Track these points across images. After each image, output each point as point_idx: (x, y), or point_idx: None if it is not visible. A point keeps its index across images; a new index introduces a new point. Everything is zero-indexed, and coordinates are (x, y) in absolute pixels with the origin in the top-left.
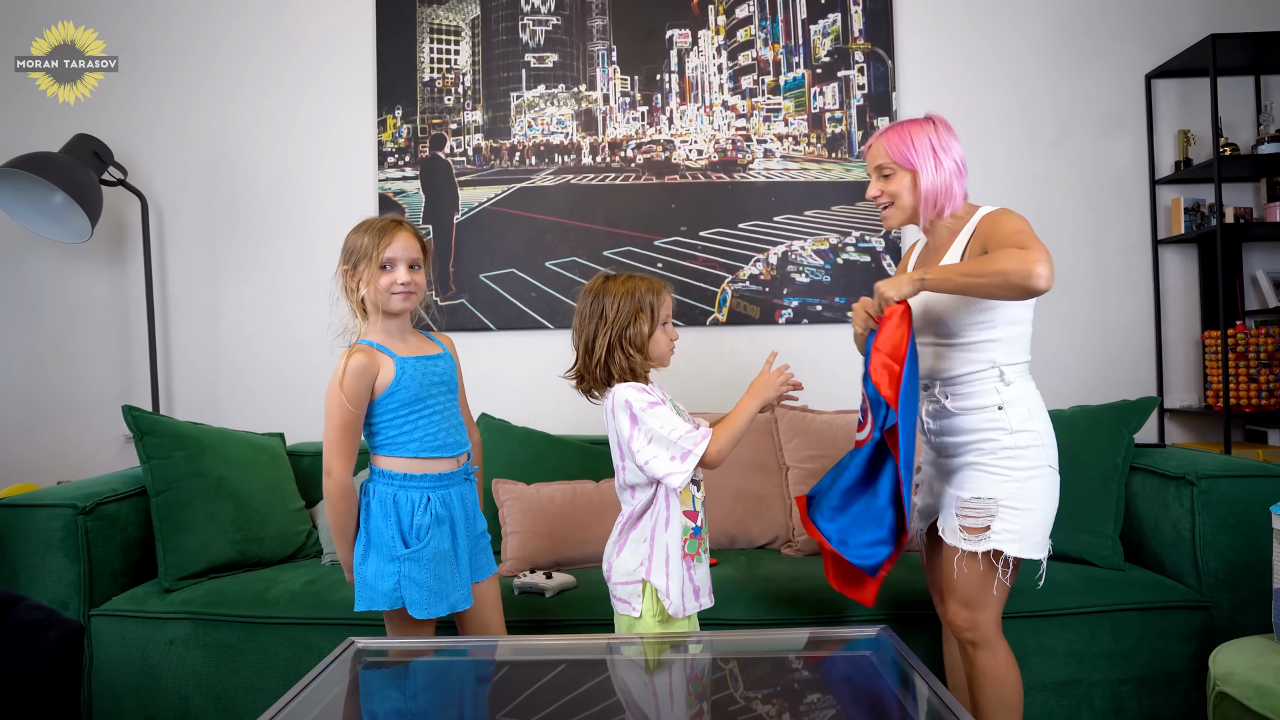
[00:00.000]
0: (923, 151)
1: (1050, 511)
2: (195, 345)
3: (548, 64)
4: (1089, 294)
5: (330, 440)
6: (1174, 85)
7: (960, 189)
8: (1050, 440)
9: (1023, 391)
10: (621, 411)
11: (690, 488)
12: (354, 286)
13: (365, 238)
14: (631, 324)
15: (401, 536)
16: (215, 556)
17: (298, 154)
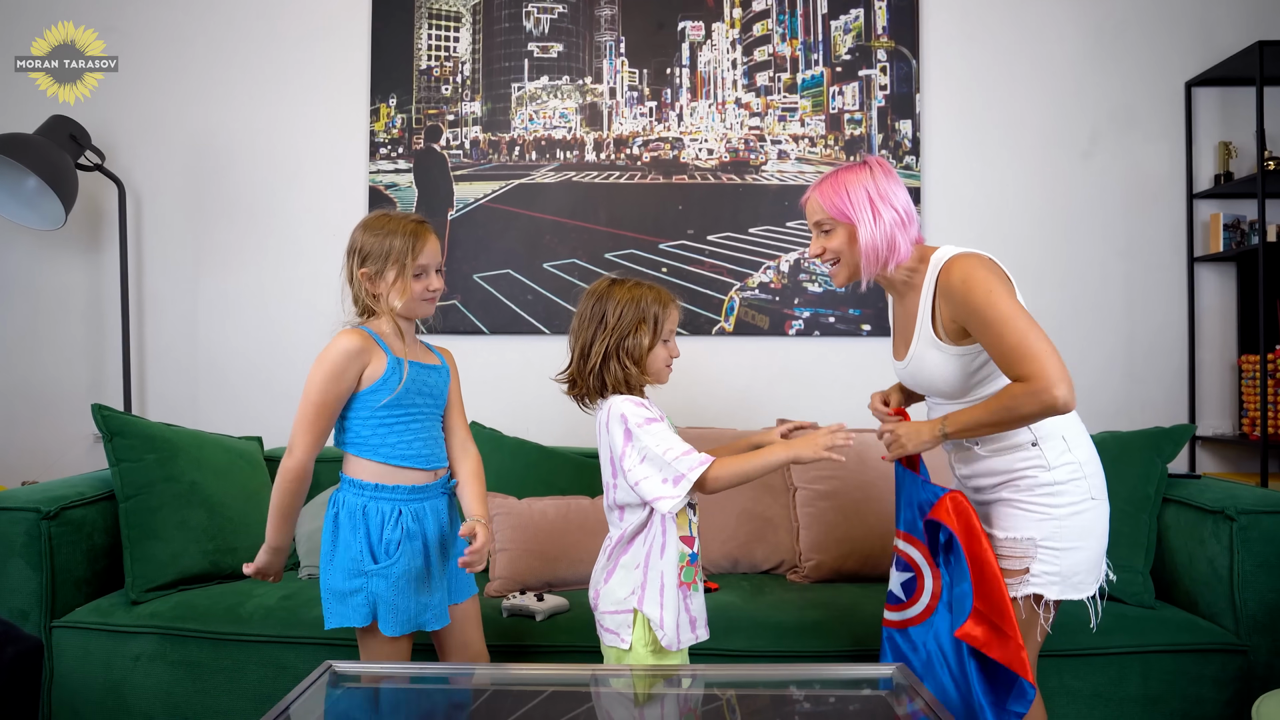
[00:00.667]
0: (858, 203)
1: (1097, 547)
2: (172, 341)
3: (552, 54)
4: (1119, 312)
5: (302, 416)
6: (1215, 94)
7: (905, 239)
8: (1094, 469)
9: (1057, 421)
10: (616, 425)
11: (686, 511)
12: (374, 290)
13: (395, 241)
14: (632, 334)
15: (370, 551)
16: (186, 567)
17: (285, 141)
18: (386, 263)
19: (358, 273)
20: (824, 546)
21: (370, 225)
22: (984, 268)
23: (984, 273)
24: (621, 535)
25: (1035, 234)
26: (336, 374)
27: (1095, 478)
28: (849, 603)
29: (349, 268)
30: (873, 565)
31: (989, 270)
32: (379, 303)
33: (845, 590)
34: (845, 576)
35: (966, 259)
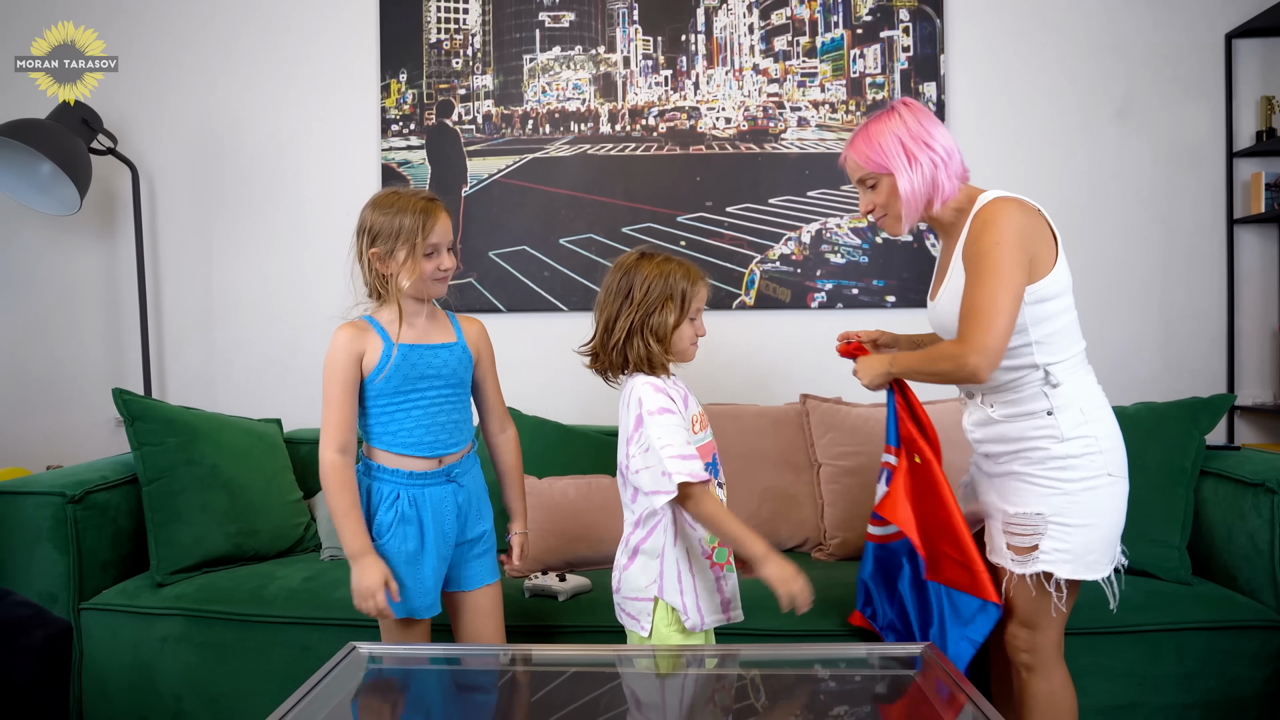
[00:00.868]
0: (892, 151)
1: (1112, 526)
2: (189, 324)
3: (563, 23)
4: (1155, 277)
5: (325, 419)
6: (1258, 46)
7: (947, 177)
8: (1113, 444)
9: (1076, 391)
10: (633, 408)
11: (715, 490)
12: (385, 271)
13: (405, 219)
14: (658, 310)
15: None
16: (209, 550)
17: (296, 120)
18: (397, 242)
19: (367, 253)
20: (849, 524)
21: (379, 203)
22: (1014, 216)
23: (1008, 222)
24: (638, 520)
25: (1067, 197)
26: (337, 367)
27: (1113, 454)
28: None
29: (358, 247)
30: None
31: (1016, 222)
32: (388, 284)
33: None
34: None
35: (1006, 203)
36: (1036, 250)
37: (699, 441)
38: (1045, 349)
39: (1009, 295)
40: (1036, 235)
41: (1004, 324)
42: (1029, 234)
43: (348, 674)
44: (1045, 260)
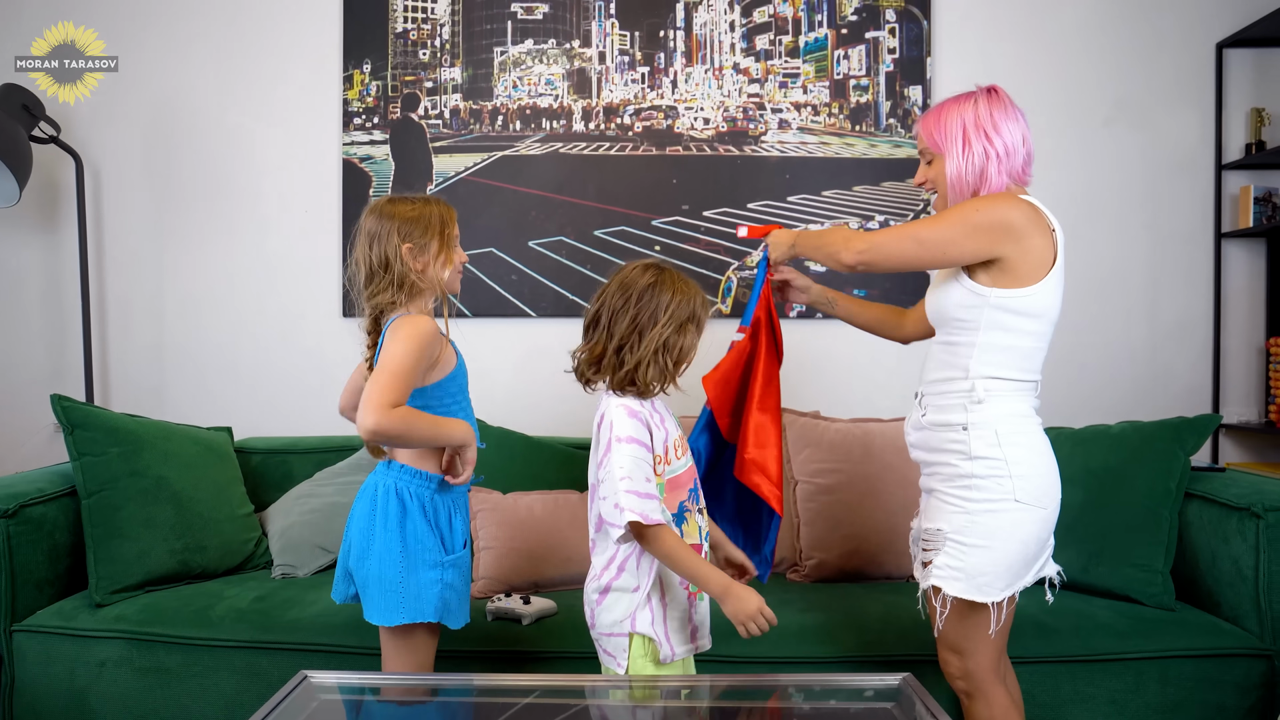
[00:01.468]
0: (951, 134)
1: (1012, 552)
2: (135, 324)
3: (537, 15)
4: (1140, 290)
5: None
6: (1249, 56)
7: (1000, 173)
8: (1028, 471)
9: (998, 412)
10: (605, 431)
11: (696, 517)
12: (418, 266)
13: (433, 213)
14: (680, 332)
15: (441, 541)
16: (153, 567)
17: (253, 111)
18: (429, 234)
19: (402, 248)
20: (826, 544)
21: (397, 202)
22: (1005, 200)
23: (997, 199)
24: (611, 559)
25: (1053, 207)
26: (427, 352)
27: (1026, 480)
28: (853, 605)
29: (383, 248)
30: (878, 565)
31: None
32: (425, 278)
33: (849, 591)
34: (849, 576)
35: (1011, 194)
36: (1016, 251)
37: (679, 468)
38: (984, 357)
39: (932, 234)
40: (1021, 235)
41: (908, 249)
42: (1010, 224)
43: (299, 704)
44: (1027, 271)
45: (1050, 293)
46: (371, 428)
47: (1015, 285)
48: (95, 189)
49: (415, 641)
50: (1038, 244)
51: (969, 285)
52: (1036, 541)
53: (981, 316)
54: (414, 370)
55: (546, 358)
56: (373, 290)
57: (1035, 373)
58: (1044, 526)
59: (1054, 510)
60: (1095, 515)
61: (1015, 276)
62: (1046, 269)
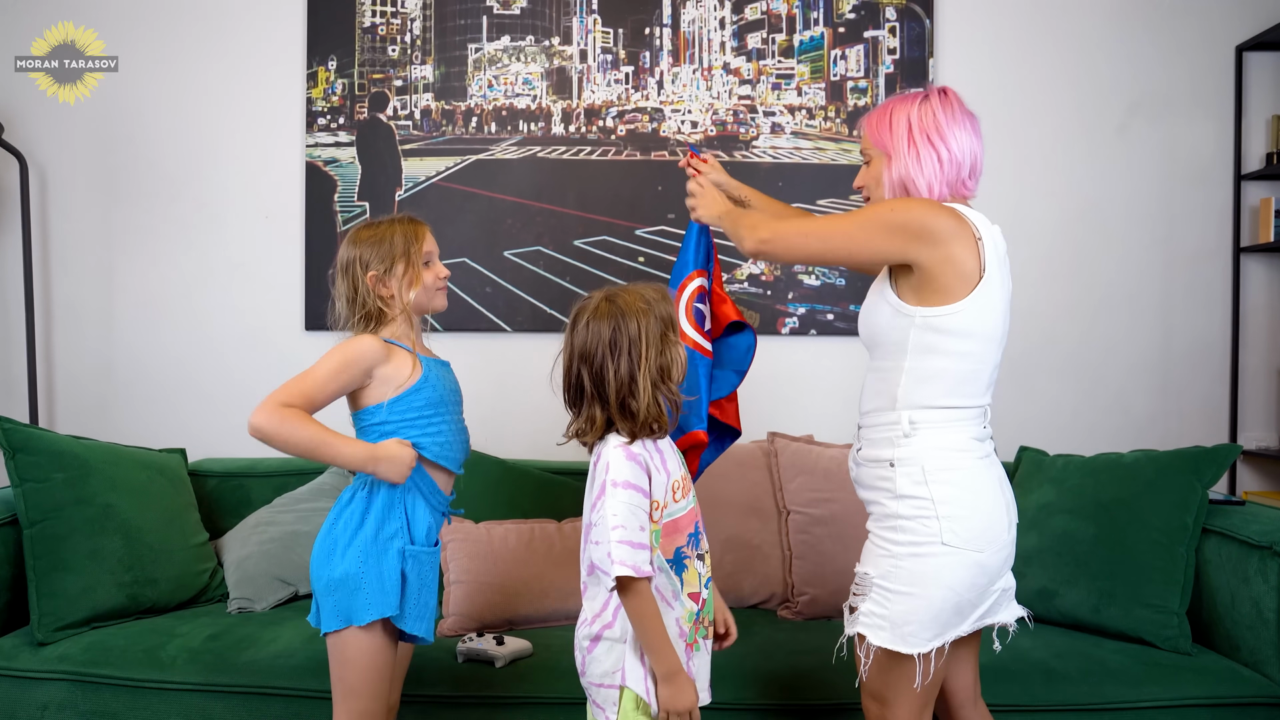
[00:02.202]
0: (896, 133)
1: (938, 600)
2: (83, 339)
3: (514, 10)
4: (1154, 307)
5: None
6: (1270, 60)
7: (942, 184)
8: (958, 511)
9: (927, 446)
10: (600, 473)
11: (696, 564)
12: (386, 292)
13: (394, 235)
14: (664, 349)
15: (408, 530)
16: (100, 602)
17: (210, 109)
18: (393, 259)
19: (365, 278)
20: (819, 579)
21: (361, 230)
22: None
23: (912, 201)
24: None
25: (1062, 219)
26: (352, 366)
27: (955, 522)
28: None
29: (350, 280)
30: None
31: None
32: (392, 303)
33: (843, 630)
34: (843, 613)
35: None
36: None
37: (679, 510)
38: (915, 388)
39: (839, 229)
40: (937, 241)
41: (811, 244)
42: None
43: None
44: (950, 285)
45: (982, 308)
46: (251, 422)
47: (941, 302)
48: (41, 191)
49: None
50: (959, 254)
51: (894, 303)
52: (970, 588)
53: (908, 338)
54: (326, 379)
55: (522, 376)
56: (352, 325)
57: (976, 398)
58: (979, 572)
59: (995, 554)
60: (1107, 551)
61: (938, 291)
62: (973, 282)
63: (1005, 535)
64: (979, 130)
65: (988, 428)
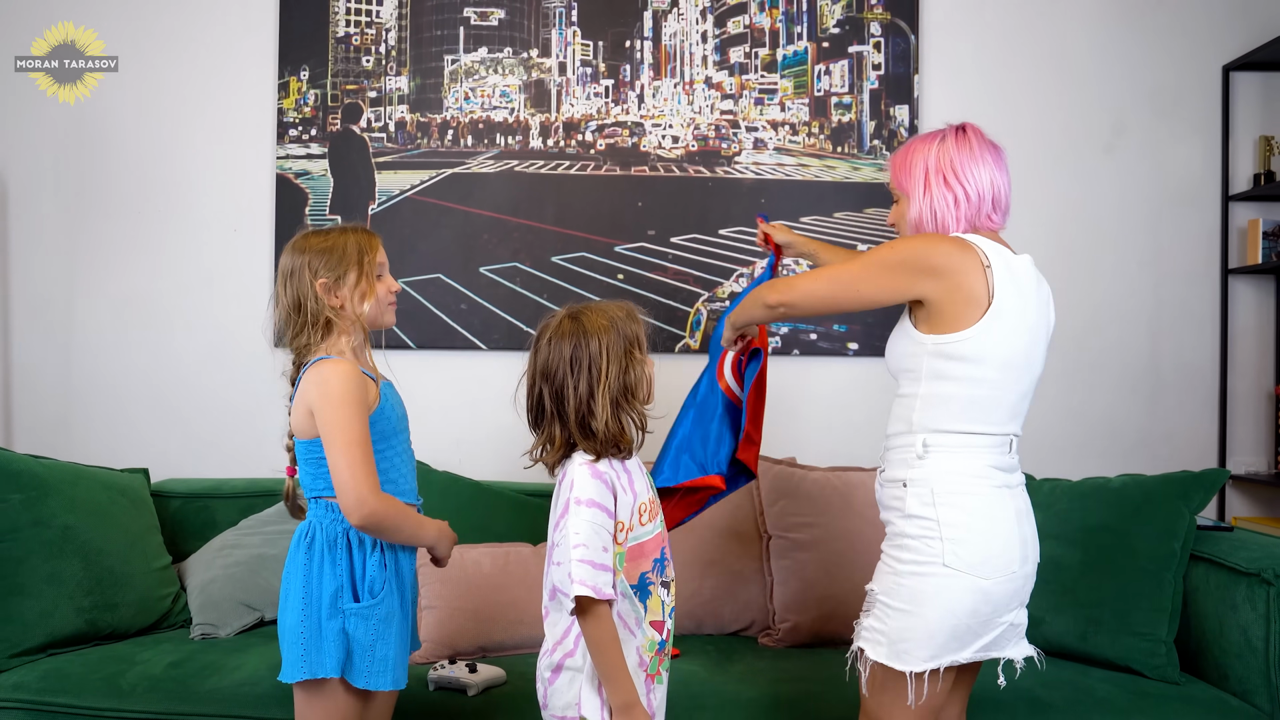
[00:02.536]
0: (914, 175)
1: (933, 620)
2: (42, 355)
3: (491, 21)
4: (1142, 329)
5: (347, 462)
6: (1257, 80)
7: (959, 220)
8: (962, 535)
9: (940, 469)
10: (564, 490)
11: (660, 591)
12: (335, 301)
13: (347, 242)
14: (629, 368)
15: (352, 587)
16: (57, 628)
17: (177, 119)
18: (345, 266)
19: (314, 285)
20: (801, 606)
21: (311, 236)
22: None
23: (915, 238)
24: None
25: (1047, 239)
26: (355, 403)
27: (958, 545)
28: (830, 674)
29: (295, 287)
30: None
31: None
32: (342, 314)
33: (825, 658)
34: (825, 641)
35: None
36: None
37: (646, 534)
38: (929, 412)
39: (845, 273)
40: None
41: (820, 288)
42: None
43: None
44: (958, 313)
45: (991, 334)
46: (368, 516)
47: (949, 329)
48: (1, 205)
49: (323, 703)
50: (965, 282)
51: (910, 333)
52: (970, 614)
53: (922, 365)
54: (366, 432)
55: (498, 396)
56: (292, 333)
57: (994, 425)
58: (981, 599)
59: (1002, 584)
60: (1093, 578)
61: (947, 320)
62: (981, 308)
63: (1017, 567)
64: (1003, 162)
65: (1014, 457)
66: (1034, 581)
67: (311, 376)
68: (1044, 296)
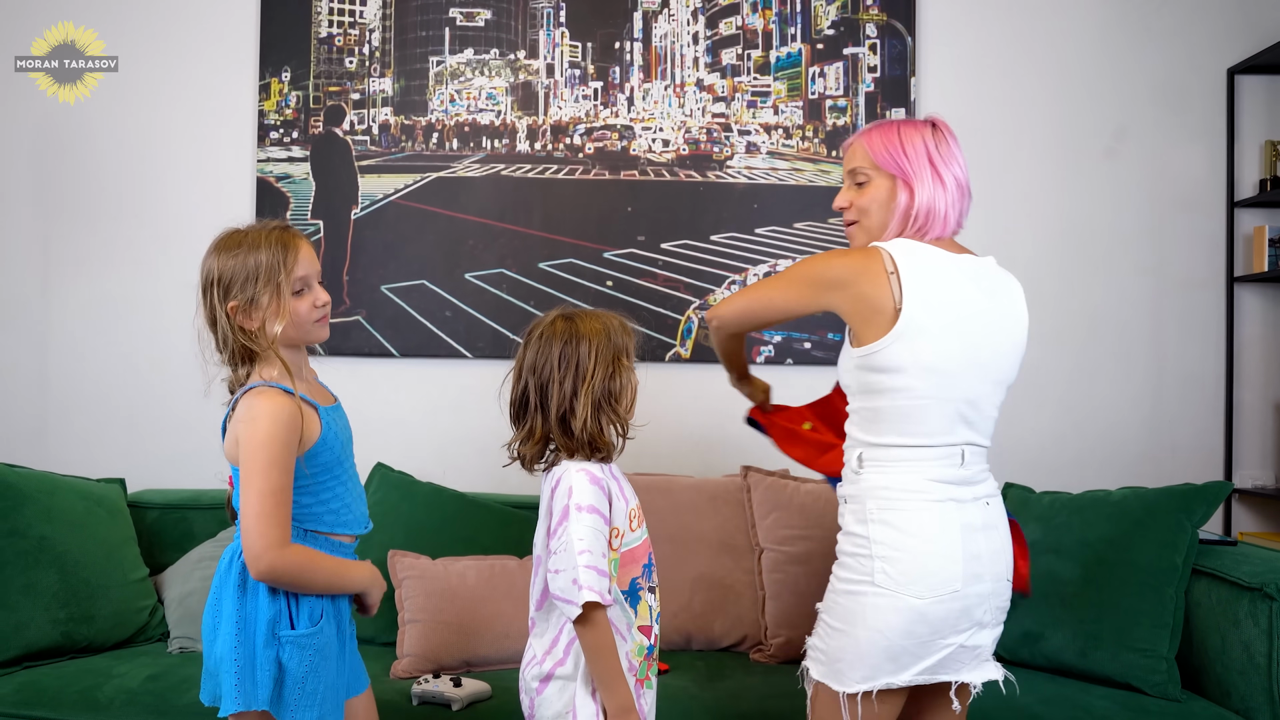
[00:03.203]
0: (915, 157)
1: (864, 641)
2: (17, 363)
3: (478, 22)
4: (1144, 339)
5: (256, 510)
6: (1262, 84)
7: (956, 214)
8: (893, 553)
9: (874, 485)
10: (561, 499)
11: (648, 597)
12: (251, 325)
13: (260, 256)
14: (615, 374)
15: (289, 614)
16: (33, 640)
17: (155, 121)
18: (257, 285)
19: (224, 308)
20: (794, 620)
21: (223, 246)
22: (833, 255)
23: (825, 255)
24: (554, 640)
25: (1048, 246)
26: (289, 442)
27: (889, 563)
28: None
29: (207, 307)
30: None
31: (814, 260)
32: (257, 340)
33: None
34: None
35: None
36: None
37: (634, 541)
38: (863, 426)
39: (762, 287)
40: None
41: (739, 304)
42: (823, 277)
43: None
44: (868, 321)
45: (905, 341)
46: (265, 571)
47: (868, 341)
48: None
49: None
50: (868, 292)
51: (846, 348)
52: (905, 635)
53: (855, 379)
54: (286, 479)
55: (483, 404)
56: (216, 347)
57: (932, 436)
58: (915, 619)
59: (938, 603)
60: (1093, 593)
61: (865, 331)
62: (890, 316)
63: (959, 585)
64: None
65: (970, 469)
66: (1003, 599)
67: (242, 408)
68: (1005, 297)
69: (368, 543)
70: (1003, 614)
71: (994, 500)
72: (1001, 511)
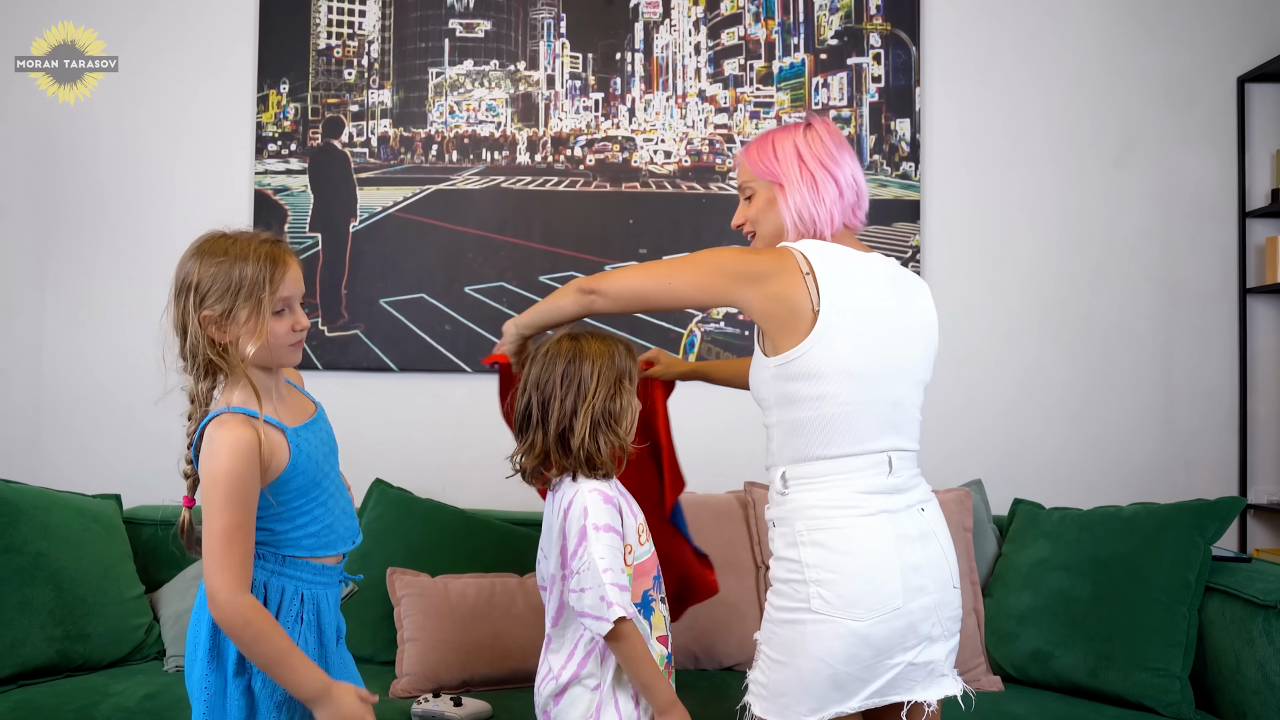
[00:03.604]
0: (786, 159)
1: (808, 671)
2: (11, 376)
3: (478, 34)
4: (1156, 351)
5: (212, 550)
6: (1274, 92)
7: (839, 213)
8: (828, 576)
9: (802, 504)
10: (577, 520)
11: (660, 607)
12: (223, 339)
13: (245, 268)
14: (616, 396)
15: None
16: (28, 658)
17: (154, 132)
18: (237, 299)
19: (196, 316)
20: None
21: (208, 250)
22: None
23: (730, 247)
24: (570, 653)
25: (1057, 257)
26: (243, 484)
27: (824, 586)
28: None
29: (179, 310)
30: None
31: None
32: (228, 356)
33: None
34: None
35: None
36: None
37: (643, 555)
38: (785, 442)
39: (663, 266)
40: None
41: (632, 281)
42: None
43: None
44: (785, 322)
45: (824, 345)
46: (217, 619)
47: (787, 347)
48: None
49: None
50: (785, 291)
51: (759, 359)
52: (849, 661)
53: (772, 391)
54: (248, 516)
55: (483, 420)
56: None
57: (858, 444)
58: (857, 643)
59: (880, 623)
60: (1104, 611)
61: (782, 337)
62: (808, 318)
63: (900, 603)
64: (857, 159)
65: (899, 476)
66: (953, 609)
67: (205, 440)
68: (914, 295)
69: (368, 560)
70: (956, 624)
71: (929, 505)
72: (939, 517)
